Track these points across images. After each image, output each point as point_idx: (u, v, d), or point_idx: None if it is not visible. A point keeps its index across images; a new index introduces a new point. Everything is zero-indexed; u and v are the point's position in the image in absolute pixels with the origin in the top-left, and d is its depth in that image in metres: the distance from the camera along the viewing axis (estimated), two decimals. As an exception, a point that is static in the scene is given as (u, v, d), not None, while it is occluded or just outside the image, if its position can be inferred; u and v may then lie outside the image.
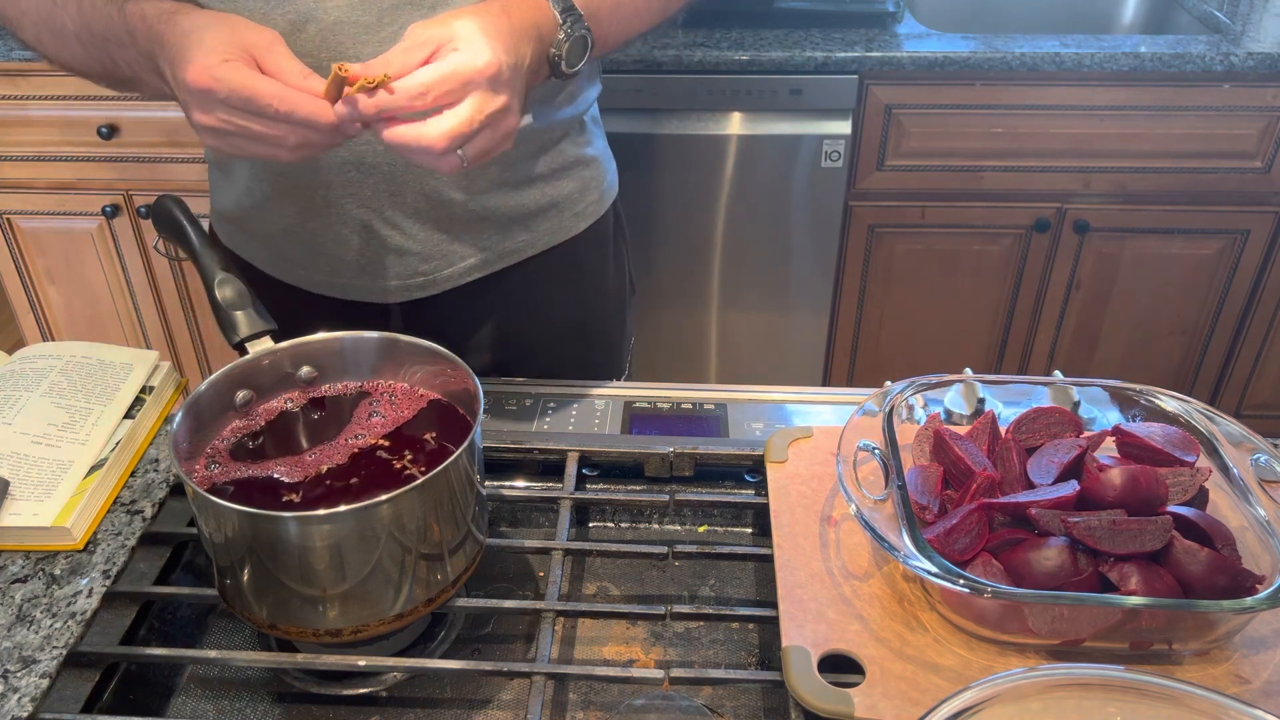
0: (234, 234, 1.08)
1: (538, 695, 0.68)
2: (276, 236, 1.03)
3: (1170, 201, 1.96)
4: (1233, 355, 2.14)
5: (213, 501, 0.65)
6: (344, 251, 1.01)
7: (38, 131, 1.95)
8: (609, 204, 1.14)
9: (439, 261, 1.03)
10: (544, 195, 1.05)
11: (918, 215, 1.98)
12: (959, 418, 0.86)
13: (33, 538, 0.79)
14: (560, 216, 1.08)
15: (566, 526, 0.82)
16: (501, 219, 1.03)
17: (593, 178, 1.10)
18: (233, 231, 1.08)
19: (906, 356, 2.15)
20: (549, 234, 1.07)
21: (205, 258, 0.82)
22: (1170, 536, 0.68)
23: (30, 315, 2.21)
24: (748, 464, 0.89)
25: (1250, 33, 1.88)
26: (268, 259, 1.06)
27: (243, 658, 0.74)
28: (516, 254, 1.06)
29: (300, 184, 0.97)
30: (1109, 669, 0.62)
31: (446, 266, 1.04)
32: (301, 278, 1.05)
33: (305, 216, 1.00)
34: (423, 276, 1.04)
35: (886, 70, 1.83)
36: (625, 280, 1.21)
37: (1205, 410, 0.80)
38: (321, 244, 1.01)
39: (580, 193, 1.09)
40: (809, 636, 0.70)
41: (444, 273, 1.04)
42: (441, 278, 1.04)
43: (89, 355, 0.94)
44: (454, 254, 1.03)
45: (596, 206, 1.12)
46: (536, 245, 1.07)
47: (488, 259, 1.05)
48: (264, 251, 1.06)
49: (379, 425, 0.78)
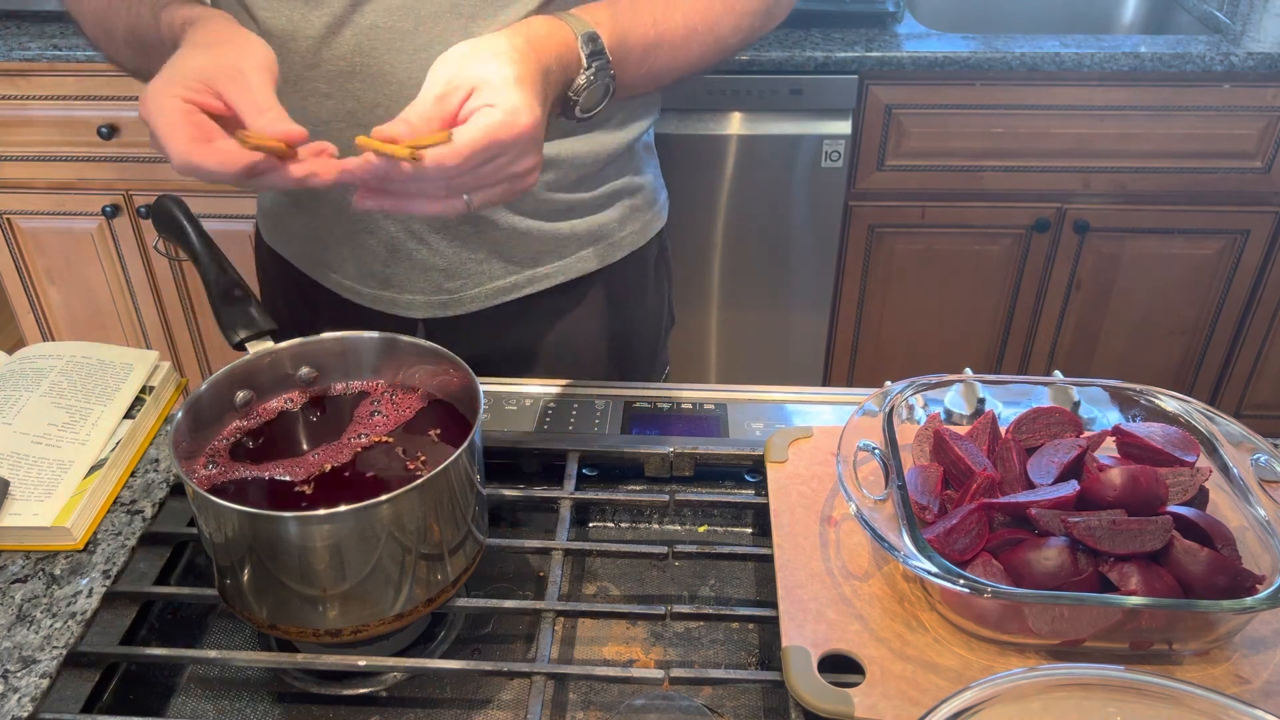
0: (273, 230, 1.06)
1: (538, 695, 0.68)
2: (309, 236, 1.02)
3: (1170, 201, 1.96)
4: (1233, 355, 2.14)
5: (213, 501, 0.65)
6: (370, 260, 0.99)
7: (38, 131, 1.95)
8: (653, 233, 1.07)
9: (465, 280, 0.99)
10: (585, 225, 1.00)
11: (918, 215, 1.98)
12: (959, 418, 0.86)
13: (33, 538, 0.79)
14: (598, 245, 1.02)
15: (566, 526, 0.82)
16: (532, 242, 0.99)
17: (636, 206, 1.04)
18: (272, 227, 1.06)
19: (906, 356, 2.15)
20: (583, 261, 1.02)
21: (205, 258, 0.82)
22: (1170, 536, 0.68)
23: (30, 315, 2.21)
24: (748, 464, 0.89)
25: (1250, 33, 1.87)
26: (304, 258, 1.04)
27: (243, 658, 0.74)
28: (547, 279, 1.01)
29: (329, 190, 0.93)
30: (1109, 669, 0.62)
31: (473, 286, 1.00)
32: (334, 281, 1.03)
33: (335, 220, 0.98)
34: (447, 294, 1.00)
35: (886, 70, 1.83)
36: (664, 310, 1.15)
37: (1205, 410, 0.79)
38: (350, 250, 0.99)
39: (622, 222, 1.03)
40: (809, 636, 0.70)
41: (469, 292, 1.00)
42: (466, 297, 1.00)
43: (89, 355, 0.94)
44: (481, 274, 0.99)
45: (638, 236, 1.06)
46: (569, 272, 1.02)
47: (517, 282, 1.01)
48: (300, 250, 1.04)
49: (381, 424, 0.78)
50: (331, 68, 0.88)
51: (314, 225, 1.01)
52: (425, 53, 0.85)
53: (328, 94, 0.89)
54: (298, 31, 0.87)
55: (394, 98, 0.88)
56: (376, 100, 0.88)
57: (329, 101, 0.89)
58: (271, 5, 0.87)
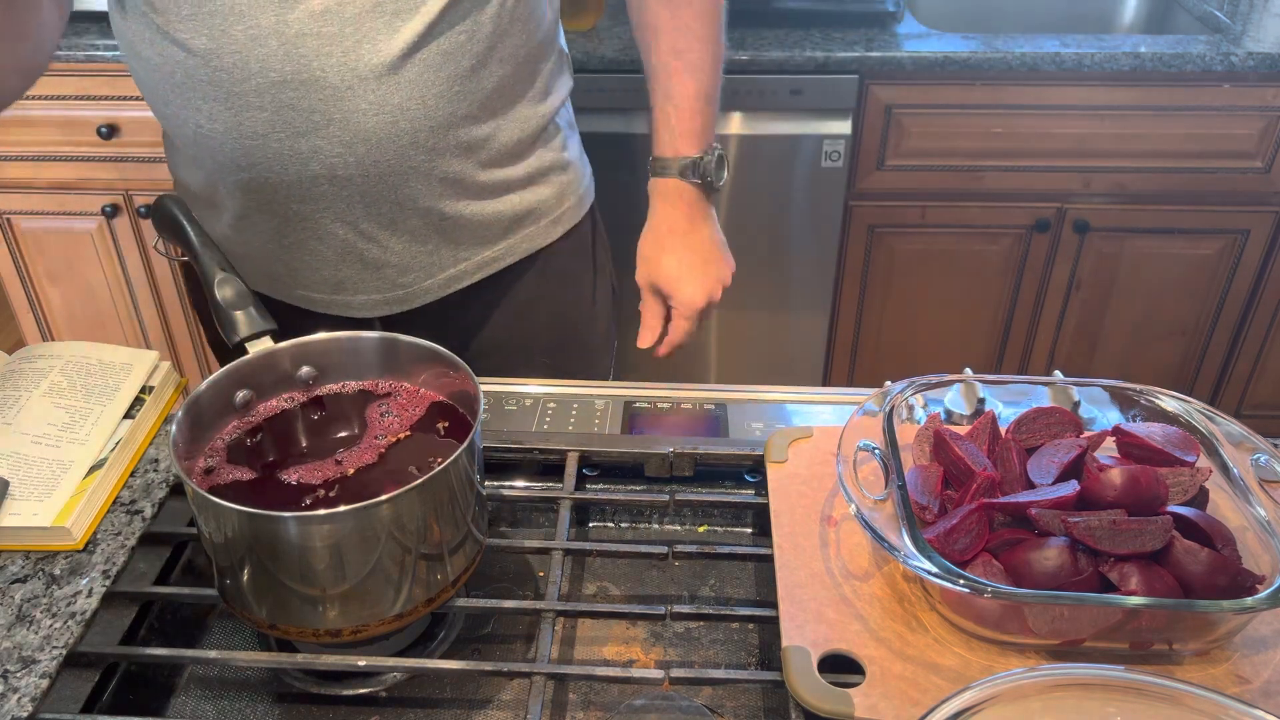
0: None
1: (538, 695, 0.68)
2: (256, 256, 1.02)
3: (1170, 201, 1.96)
4: (1233, 355, 2.14)
5: (213, 501, 0.65)
6: (322, 267, 1.01)
7: (38, 131, 1.95)
8: (586, 209, 1.13)
9: (418, 274, 1.02)
10: (521, 201, 1.04)
11: (918, 215, 1.98)
12: (959, 418, 0.86)
13: (33, 538, 0.79)
14: (538, 223, 1.07)
15: (566, 526, 0.82)
16: (478, 227, 1.02)
17: (569, 183, 1.09)
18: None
19: (906, 356, 2.15)
20: (527, 241, 1.07)
21: (205, 258, 0.82)
22: (1170, 536, 0.68)
23: (30, 315, 2.21)
24: (748, 464, 0.89)
25: (1250, 33, 1.88)
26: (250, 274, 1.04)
27: (243, 658, 0.74)
28: (495, 263, 1.06)
29: (274, 200, 0.96)
30: (1109, 669, 0.62)
31: (425, 279, 1.03)
32: (283, 293, 1.04)
33: (281, 233, 0.99)
34: (402, 289, 1.03)
35: (886, 70, 1.83)
36: (608, 285, 1.21)
37: (1205, 410, 0.79)
38: (300, 261, 1.01)
39: (557, 198, 1.08)
40: (809, 636, 0.70)
41: (423, 284, 1.03)
42: (421, 290, 1.04)
43: (89, 355, 0.94)
44: (432, 265, 1.02)
45: (574, 212, 1.11)
46: (515, 253, 1.07)
47: (467, 269, 1.05)
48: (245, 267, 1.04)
49: (395, 425, 0.77)
50: (262, 80, 0.89)
51: (257, 244, 1.01)
52: (354, 53, 0.88)
53: (261, 107, 0.90)
54: (221, 49, 0.88)
55: (329, 101, 0.89)
56: (313, 106, 0.90)
57: (263, 114, 0.90)
58: (190, 26, 0.88)
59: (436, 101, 0.93)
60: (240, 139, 0.91)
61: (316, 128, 0.90)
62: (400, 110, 0.91)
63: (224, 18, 0.87)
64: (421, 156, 0.95)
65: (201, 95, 0.91)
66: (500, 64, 0.96)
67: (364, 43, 0.88)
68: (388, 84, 0.90)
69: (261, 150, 0.92)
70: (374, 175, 0.94)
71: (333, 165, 0.92)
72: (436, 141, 0.94)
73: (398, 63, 0.89)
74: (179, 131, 0.96)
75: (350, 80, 0.89)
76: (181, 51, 0.89)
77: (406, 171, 0.95)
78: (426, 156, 0.95)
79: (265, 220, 0.98)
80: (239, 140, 0.92)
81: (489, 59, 0.95)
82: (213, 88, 0.90)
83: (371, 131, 0.91)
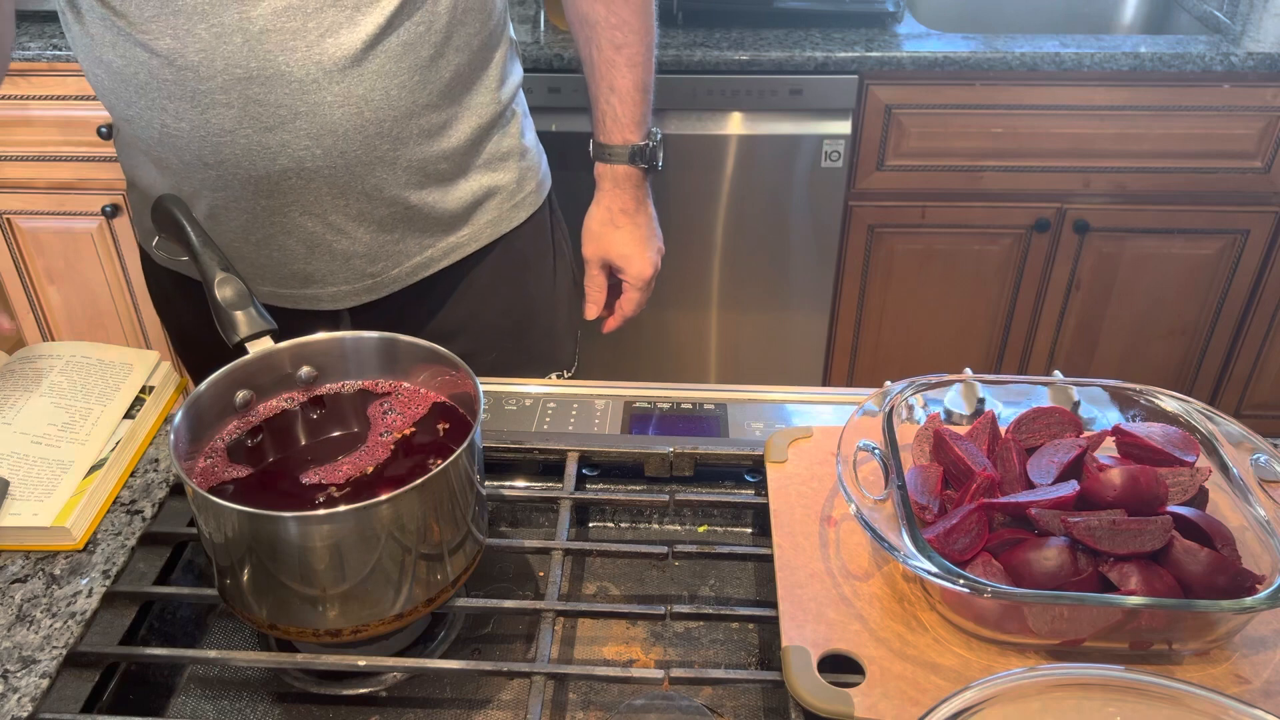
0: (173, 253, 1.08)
1: (538, 695, 0.68)
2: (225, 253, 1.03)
3: (1170, 201, 1.96)
4: (1233, 355, 2.14)
5: (213, 501, 0.65)
6: (290, 261, 1.02)
7: (38, 131, 1.95)
8: (545, 195, 1.17)
9: (386, 263, 1.04)
10: (482, 186, 1.07)
11: (918, 215, 1.98)
12: (959, 418, 0.86)
13: (32, 538, 0.79)
14: (500, 207, 1.10)
15: (566, 526, 0.82)
16: (443, 214, 1.05)
17: (528, 168, 1.13)
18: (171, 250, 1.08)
19: (906, 356, 2.15)
20: (491, 226, 1.10)
21: (205, 258, 0.82)
22: (1170, 536, 0.68)
23: (30, 315, 2.21)
24: (748, 464, 0.89)
25: (1250, 33, 1.87)
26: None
27: (243, 658, 0.74)
28: (460, 248, 1.08)
29: (242, 196, 0.97)
30: (1109, 669, 0.62)
31: (393, 267, 1.05)
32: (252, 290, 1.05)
33: (249, 229, 1.00)
34: (371, 279, 1.05)
35: (886, 70, 1.83)
36: (569, 271, 1.25)
37: (1205, 410, 0.79)
38: (268, 256, 1.02)
39: (518, 183, 1.11)
40: (809, 636, 0.70)
41: (391, 273, 1.05)
42: (389, 279, 1.05)
43: (89, 355, 0.94)
44: (400, 253, 1.04)
45: (534, 197, 1.14)
46: (479, 239, 1.09)
47: (434, 255, 1.07)
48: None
49: (398, 423, 0.77)
50: (228, 76, 0.90)
51: (224, 241, 1.01)
52: (318, 47, 0.90)
53: (227, 104, 0.91)
54: (186, 48, 0.89)
55: (295, 95, 0.91)
56: (279, 101, 0.91)
57: (230, 111, 0.91)
58: (154, 27, 0.89)
59: (399, 92, 0.95)
60: (207, 136, 0.93)
61: (283, 122, 0.92)
62: (365, 101, 0.93)
63: (188, 17, 0.88)
64: (387, 146, 0.97)
65: (167, 95, 0.92)
66: (457, 52, 0.99)
67: (327, 36, 0.90)
68: (351, 76, 0.92)
69: (229, 147, 0.93)
70: (341, 167, 0.96)
71: (300, 159, 0.94)
72: (400, 131, 0.97)
73: (360, 55, 0.92)
74: (144, 133, 0.97)
75: (315, 74, 0.91)
76: (145, 53, 0.90)
77: (373, 162, 0.97)
78: (391, 146, 0.97)
79: (233, 217, 0.99)
80: (206, 138, 0.93)
81: (446, 48, 0.97)
82: (178, 87, 0.91)
83: (338, 123, 0.93)
